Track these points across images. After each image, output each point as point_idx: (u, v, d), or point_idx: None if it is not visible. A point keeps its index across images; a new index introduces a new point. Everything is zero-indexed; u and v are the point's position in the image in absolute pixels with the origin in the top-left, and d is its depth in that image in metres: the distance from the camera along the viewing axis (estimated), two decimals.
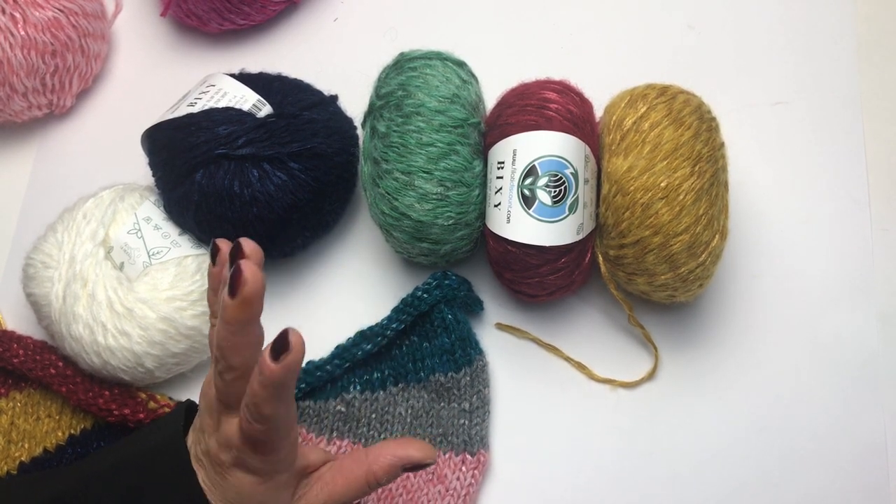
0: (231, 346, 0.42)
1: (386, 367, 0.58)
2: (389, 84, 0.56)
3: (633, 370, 0.58)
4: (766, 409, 0.57)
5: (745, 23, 0.67)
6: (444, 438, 0.56)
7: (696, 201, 0.51)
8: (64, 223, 0.58)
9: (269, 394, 0.42)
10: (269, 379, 0.41)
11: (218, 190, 0.56)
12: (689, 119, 0.53)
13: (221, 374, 0.43)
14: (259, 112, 0.58)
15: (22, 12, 0.62)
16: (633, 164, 0.52)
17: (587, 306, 0.60)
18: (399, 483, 0.56)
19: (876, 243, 0.60)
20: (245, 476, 0.45)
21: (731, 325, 0.59)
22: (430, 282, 0.58)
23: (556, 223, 0.53)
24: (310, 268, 0.63)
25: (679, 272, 0.52)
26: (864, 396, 0.57)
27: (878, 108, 0.64)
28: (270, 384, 0.41)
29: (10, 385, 0.59)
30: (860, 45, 0.65)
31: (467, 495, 0.55)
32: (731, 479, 0.56)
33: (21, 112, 0.67)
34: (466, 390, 0.57)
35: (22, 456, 0.57)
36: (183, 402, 0.51)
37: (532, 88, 0.57)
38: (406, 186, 0.54)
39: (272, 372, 0.41)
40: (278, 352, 0.41)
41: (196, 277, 0.57)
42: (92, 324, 0.55)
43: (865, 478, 0.55)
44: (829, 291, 0.59)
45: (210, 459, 0.46)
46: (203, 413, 0.46)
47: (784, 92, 0.65)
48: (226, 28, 0.69)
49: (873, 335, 0.58)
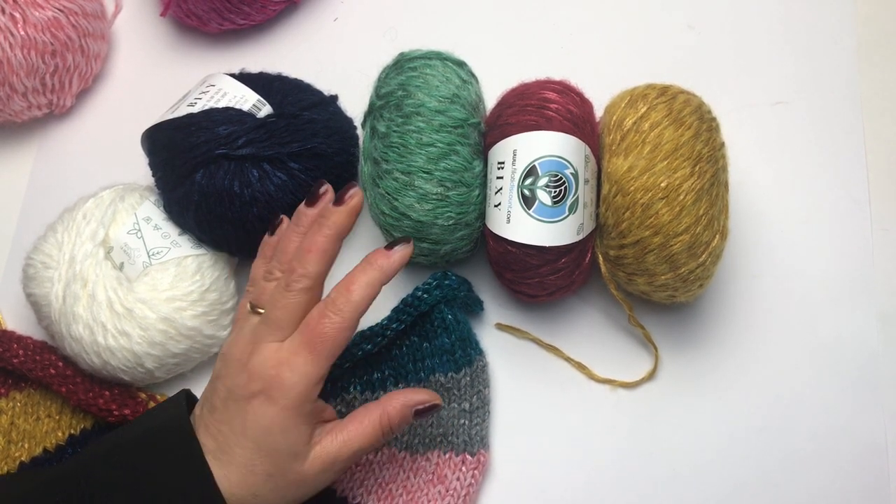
0: (317, 251, 0.49)
1: (386, 367, 0.58)
2: (389, 84, 0.56)
3: (633, 370, 0.58)
4: (766, 409, 0.57)
5: (746, 23, 0.67)
6: (444, 438, 0.56)
7: (696, 201, 0.51)
8: (64, 223, 0.58)
9: (371, 282, 0.48)
10: (332, 221, 0.50)
11: (218, 190, 0.56)
12: (690, 119, 0.53)
13: (291, 286, 0.48)
14: (259, 112, 0.58)
15: (22, 12, 0.62)
16: (633, 165, 0.52)
17: (587, 306, 0.60)
18: (399, 483, 0.56)
19: (876, 243, 0.60)
20: (273, 408, 0.47)
21: (731, 325, 0.59)
22: (430, 282, 0.58)
23: (556, 223, 0.53)
24: None
25: (679, 272, 0.52)
26: (864, 396, 0.57)
27: (878, 108, 0.64)
28: (332, 225, 0.49)
29: (10, 385, 0.59)
30: (860, 45, 0.65)
31: (467, 495, 0.55)
32: (731, 479, 0.56)
33: (21, 112, 0.67)
34: (466, 390, 0.57)
35: (22, 456, 0.57)
36: (180, 391, 0.52)
37: (532, 88, 0.57)
38: (406, 186, 0.54)
39: (335, 212, 0.50)
40: (395, 244, 0.50)
41: (196, 277, 0.57)
42: (92, 324, 0.55)
43: (865, 478, 0.55)
44: (829, 291, 0.59)
45: (231, 400, 0.47)
46: (230, 354, 0.49)
47: (784, 92, 0.65)
48: (226, 28, 0.69)
49: (873, 335, 0.58)
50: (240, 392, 0.47)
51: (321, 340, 0.47)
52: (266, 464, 0.47)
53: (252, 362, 0.48)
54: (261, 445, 0.47)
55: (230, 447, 0.47)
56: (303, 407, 0.47)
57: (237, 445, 0.47)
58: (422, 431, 0.57)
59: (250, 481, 0.47)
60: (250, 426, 0.47)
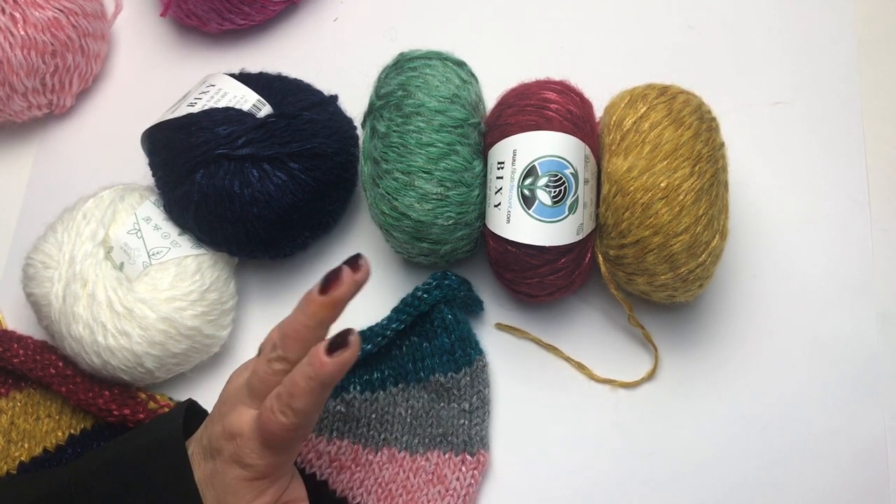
0: (298, 339, 0.44)
1: (386, 367, 0.58)
2: (389, 84, 0.56)
3: (633, 370, 0.58)
4: (766, 409, 0.57)
5: (745, 23, 0.67)
6: (444, 438, 0.56)
7: (696, 201, 0.51)
8: (64, 223, 0.58)
9: (310, 388, 0.43)
10: (316, 371, 0.42)
11: (218, 190, 0.56)
12: (689, 119, 0.53)
13: (271, 363, 0.45)
14: (259, 112, 0.58)
15: (22, 12, 0.62)
16: (633, 165, 0.52)
17: (587, 306, 0.60)
18: (399, 483, 0.56)
19: (876, 243, 0.60)
20: (236, 470, 0.45)
21: (731, 325, 0.59)
22: (430, 282, 0.58)
23: (555, 223, 0.53)
24: (310, 268, 0.63)
25: (679, 272, 0.52)
26: (864, 396, 0.57)
27: (878, 108, 0.64)
28: (316, 377, 0.42)
29: (10, 385, 0.59)
30: (860, 45, 0.65)
31: (467, 495, 0.55)
32: (731, 479, 0.56)
33: (21, 112, 0.67)
34: (466, 390, 0.57)
35: (22, 456, 0.57)
36: (183, 402, 0.51)
37: (532, 88, 0.57)
38: (406, 186, 0.54)
39: (323, 365, 0.42)
40: (335, 347, 0.42)
41: (196, 277, 0.57)
42: (92, 324, 0.55)
43: (865, 478, 0.55)
44: (829, 291, 0.59)
45: (209, 445, 0.46)
46: (223, 399, 0.47)
47: (783, 92, 0.65)
48: (226, 28, 0.69)
49: (873, 335, 0.58)
50: (214, 442, 0.46)
51: (269, 434, 0.44)
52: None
53: (227, 418, 0.46)
54: (219, 499, 0.45)
55: (205, 486, 0.46)
56: (258, 483, 0.45)
57: (207, 487, 0.46)
58: (421, 431, 0.57)
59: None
60: (216, 477, 0.45)
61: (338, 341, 0.43)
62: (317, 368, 0.42)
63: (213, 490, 0.46)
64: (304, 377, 0.43)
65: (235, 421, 0.45)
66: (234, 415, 0.46)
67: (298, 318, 0.45)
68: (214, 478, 0.46)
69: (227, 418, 0.46)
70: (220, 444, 0.45)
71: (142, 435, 0.50)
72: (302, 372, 0.43)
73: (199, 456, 0.47)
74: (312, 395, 0.43)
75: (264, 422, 0.44)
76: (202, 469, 0.46)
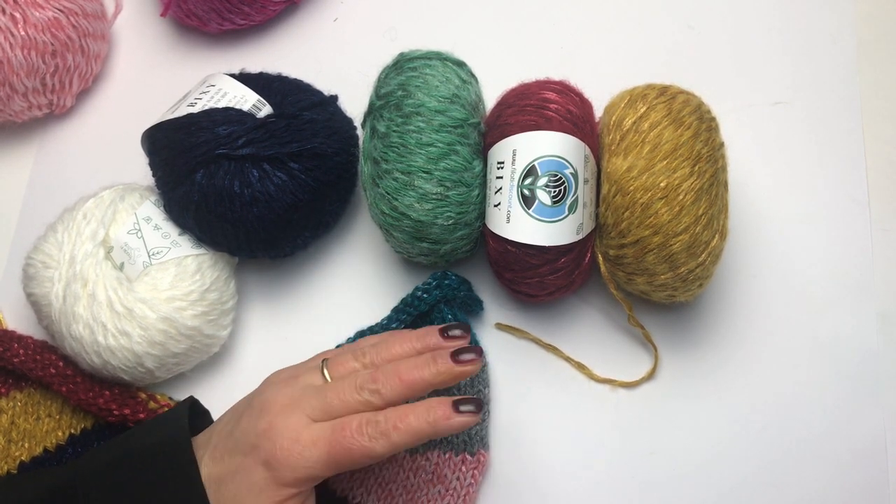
0: (407, 387, 0.46)
1: None
2: (389, 84, 0.56)
3: (633, 370, 0.58)
4: (766, 409, 0.57)
5: (745, 23, 0.67)
6: (444, 439, 0.56)
7: (695, 201, 0.51)
8: (64, 223, 0.58)
9: (420, 431, 0.45)
10: (437, 421, 0.45)
11: (218, 190, 0.56)
12: (689, 119, 0.53)
13: (362, 392, 0.46)
14: (259, 112, 0.58)
15: (22, 12, 0.62)
16: (632, 164, 0.52)
17: (587, 306, 0.60)
18: (399, 483, 0.56)
19: (876, 243, 0.60)
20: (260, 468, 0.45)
21: (731, 325, 0.59)
22: (430, 282, 0.58)
23: (555, 223, 0.53)
24: (310, 268, 0.63)
25: (679, 272, 0.52)
26: (864, 396, 0.57)
27: (878, 108, 0.64)
28: (433, 424, 0.45)
29: (10, 385, 0.59)
30: (860, 45, 0.65)
31: (467, 495, 0.55)
32: (731, 479, 0.56)
33: (21, 112, 0.67)
34: (466, 390, 0.57)
35: (22, 455, 0.57)
36: (185, 400, 0.51)
37: (532, 88, 0.57)
38: (406, 186, 0.54)
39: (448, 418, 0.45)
40: (465, 406, 0.46)
41: (196, 277, 0.57)
42: (92, 324, 0.55)
43: (865, 478, 0.55)
44: (829, 291, 0.59)
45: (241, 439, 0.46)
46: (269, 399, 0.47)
47: (784, 92, 0.65)
48: (226, 28, 0.69)
49: (873, 335, 0.58)
50: (248, 440, 0.46)
51: (344, 454, 0.45)
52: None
53: (275, 421, 0.46)
54: (237, 497, 0.45)
55: (226, 482, 0.45)
56: (291, 490, 0.45)
57: (231, 483, 0.45)
58: None
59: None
60: (240, 474, 0.45)
61: (470, 405, 0.46)
62: (440, 419, 0.45)
63: (230, 486, 0.45)
64: (421, 419, 0.45)
65: (293, 426, 0.45)
66: (293, 420, 0.45)
67: (423, 370, 0.46)
68: (238, 474, 0.45)
69: (280, 420, 0.45)
70: (260, 441, 0.45)
71: (147, 433, 0.49)
72: (419, 414, 0.45)
73: (218, 452, 0.46)
74: (418, 437, 0.45)
75: (346, 440, 0.44)
76: (218, 466, 0.46)
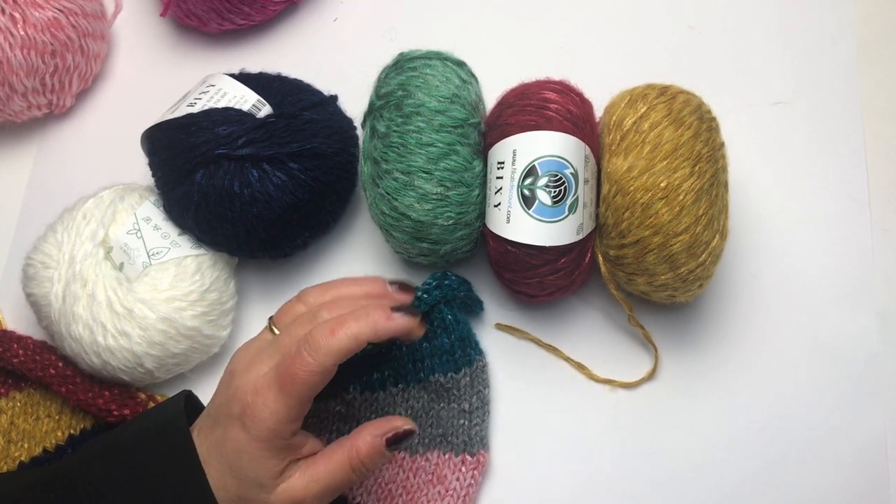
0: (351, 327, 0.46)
1: (386, 367, 0.58)
2: (389, 84, 0.56)
3: (633, 370, 0.58)
4: (766, 409, 0.57)
5: (745, 23, 0.67)
6: (444, 439, 0.56)
7: (696, 201, 0.51)
8: (64, 223, 0.58)
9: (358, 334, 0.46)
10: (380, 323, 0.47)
11: (218, 190, 0.56)
12: (689, 119, 0.53)
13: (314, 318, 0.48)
14: (259, 112, 0.58)
15: (22, 12, 0.62)
16: (633, 164, 0.52)
17: (587, 306, 0.60)
18: (399, 483, 0.56)
19: (876, 243, 0.60)
20: (240, 431, 0.46)
21: (731, 325, 0.59)
22: (430, 282, 0.58)
23: (555, 223, 0.53)
24: (310, 268, 0.63)
25: (679, 272, 0.52)
26: (864, 396, 0.57)
27: (878, 108, 0.64)
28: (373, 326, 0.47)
29: (10, 385, 0.59)
30: (860, 45, 0.65)
31: (467, 496, 0.55)
32: (731, 479, 0.56)
33: (21, 112, 0.67)
34: (466, 391, 0.57)
35: (22, 456, 0.57)
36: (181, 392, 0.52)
37: (532, 88, 0.57)
38: (406, 186, 0.54)
39: (390, 319, 0.47)
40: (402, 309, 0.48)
41: (196, 277, 0.57)
42: (92, 324, 0.55)
43: (865, 478, 0.55)
44: (829, 291, 0.59)
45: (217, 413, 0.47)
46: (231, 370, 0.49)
47: (784, 92, 0.65)
48: (226, 28, 0.69)
49: (873, 335, 0.58)
50: (223, 410, 0.47)
51: (291, 381, 0.45)
52: (235, 486, 0.46)
53: (237, 382, 0.47)
54: (232, 467, 0.46)
55: (211, 458, 0.46)
56: (272, 442, 0.46)
57: (214, 460, 0.46)
58: (421, 432, 0.57)
59: (223, 497, 0.46)
60: (226, 446, 0.46)
61: (401, 308, 0.47)
62: (380, 321, 0.46)
63: (220, 459, 0.46)
64: (361, 322, 0.46)
65: (252, 380, 0.46)
66: (252, 375, 0.47)
67: (371, 311, 0.47)
68: (224, 444, 0.46)
69: (242, 379, 0.47)
70: (231, 406, 0.46)
71: (142, 420, 0.50)
72: (358, 316, 0.46)
73: (205, 430, 0.47)
74: (357, 341, 0.46)
75: (289, 367, 0.45)
76: (206, 442, 0.47)
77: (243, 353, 0.49)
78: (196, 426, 0.49)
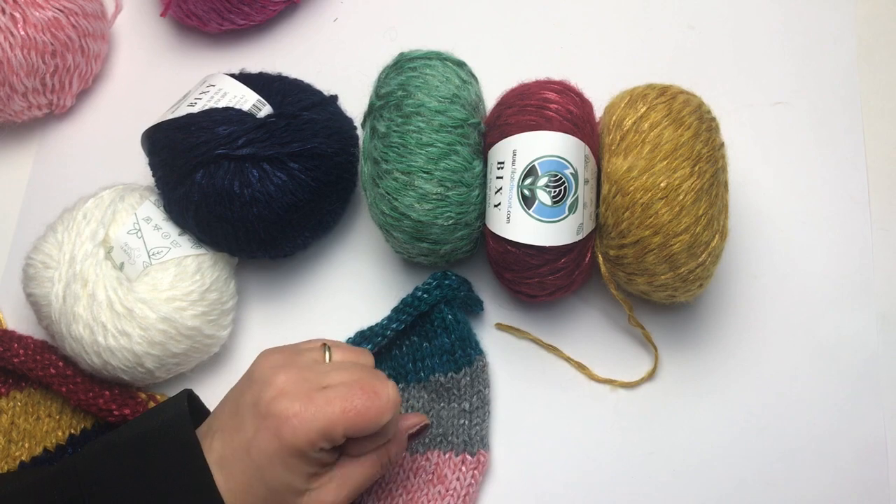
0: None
1: (386, 367, 0.58)
2: (389, 84, 0.56)
3: (633, 370, 0.58)
4: (766, 409, 0.57)
5: (746, 23, 0.67)
6: (444, 439, 0.56)
7: (695, 201, 0.51)
8: (64, 223, 0.58)
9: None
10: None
11: (218, 190, 0.56)
12: (689, 119, 0.53)
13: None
14: (259, 112, 0.58)
15: (22, 12, 0.62)
16: (632, 165, 0.52)
17: (587, 306, 0.60)
18: (399, 483, 0.56)
19: (876, 243, 0.60)
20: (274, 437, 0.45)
21: (731, 325, 0.59)
22: (430, 282, 0.58)
23: (555, 223, 0.53)
24: (310, 268, 0.63)
25: (679, 272, 0.52)
26: (864, 396, 0.57)
27: (878, 108, 0.64)
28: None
29: (10, 385, 0.59)
30: (860, 45, 0.65)
31: (467, 495, 0.55)
32: (731, 479, 0.56)
33: (21, 112, 0.67)
34: (466, 390, 0.57)
35: (22, 455, 0.57)
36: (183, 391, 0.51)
37: (532, 88, 0.57)
38: (406, 186, 0.54)
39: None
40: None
41: (196, 277, 0.57)
42: (92, 324, 0.55)
43: (865, 478, 0.55)
44: (829, 291, 0.59)
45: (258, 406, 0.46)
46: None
47: (784, 92, 0.65)
48: (226, 28, 0.69)
49: (873, 335, 0.58)
50: (261, 408, 0.46)
51: (354, 415, 0.46)
52: (263, 490, 0.46)
53: (270, 389, 0.46)
54: (262, 470, 0.45)
55: (236, 460, 0.46)
56: (307, 452, 0.45)
57: (241, 461, 0.46)
58: None
59: (248, 500, 0.46)
60: (256, 448, 0.45)
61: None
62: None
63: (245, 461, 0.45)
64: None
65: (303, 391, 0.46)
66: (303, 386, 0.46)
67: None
68: (252, 448, 0.45)
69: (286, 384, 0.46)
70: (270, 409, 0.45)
71: (146, 420, 0.50)
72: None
73: (227, 433, 0.47)
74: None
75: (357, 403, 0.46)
76: (229, 446, 0.46)
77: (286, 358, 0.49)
78: (208, 431, 0.48)
